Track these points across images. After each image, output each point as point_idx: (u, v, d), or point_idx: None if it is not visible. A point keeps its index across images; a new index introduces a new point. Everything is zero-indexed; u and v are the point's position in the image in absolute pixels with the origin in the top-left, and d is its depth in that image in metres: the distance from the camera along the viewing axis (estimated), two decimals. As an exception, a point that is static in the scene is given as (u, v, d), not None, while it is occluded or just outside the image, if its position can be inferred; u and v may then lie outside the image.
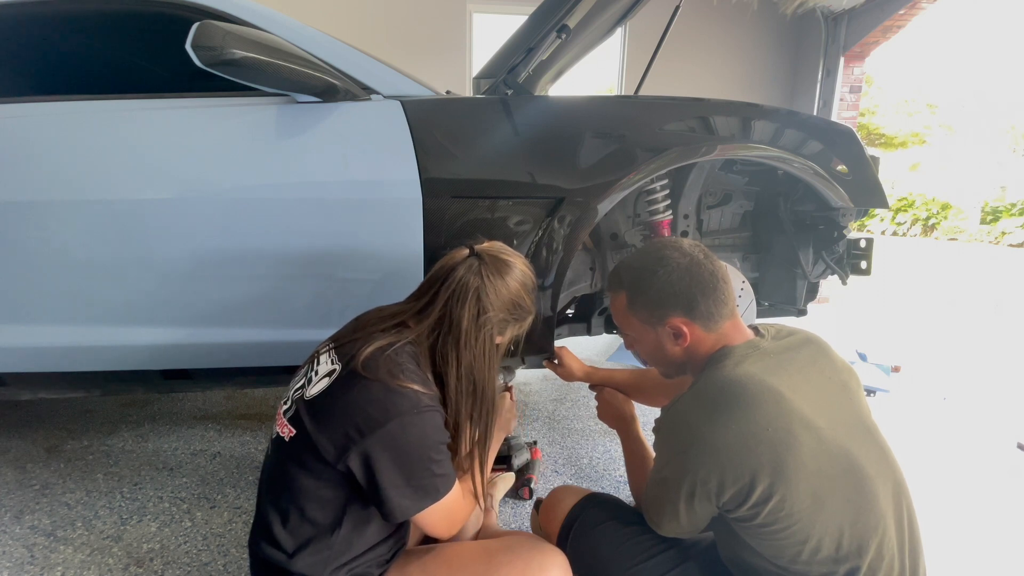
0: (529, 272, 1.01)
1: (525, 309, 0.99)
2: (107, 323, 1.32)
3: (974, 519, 1.56)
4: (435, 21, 3.84)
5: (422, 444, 0.83)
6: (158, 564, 1.33)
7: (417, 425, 0.83)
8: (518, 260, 1.00)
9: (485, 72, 1.95)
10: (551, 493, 1.17)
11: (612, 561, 0.99)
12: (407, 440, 0.82)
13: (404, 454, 0.82)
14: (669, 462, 0.89)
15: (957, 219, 10.90)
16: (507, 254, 0.99)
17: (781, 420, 0.80)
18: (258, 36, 1.12)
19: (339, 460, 0.81)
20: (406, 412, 0.82)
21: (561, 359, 1.43)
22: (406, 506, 0.83)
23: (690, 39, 4.05)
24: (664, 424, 0.92)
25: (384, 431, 0.80)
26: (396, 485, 0.81)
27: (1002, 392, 2.55)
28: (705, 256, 0.95)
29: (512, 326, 1.00)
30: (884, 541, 0.82)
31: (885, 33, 3.88)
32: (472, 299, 0.91)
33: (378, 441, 0.80)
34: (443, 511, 0.88)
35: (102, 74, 1.92)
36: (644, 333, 0.99)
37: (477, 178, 1.28)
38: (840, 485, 0.81)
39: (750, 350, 0.90)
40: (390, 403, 0.82)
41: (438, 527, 0.90)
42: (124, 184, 1.24)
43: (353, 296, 1.32)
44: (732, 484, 0.81)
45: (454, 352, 0.91)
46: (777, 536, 0.82)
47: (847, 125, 1.56)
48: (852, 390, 0.93)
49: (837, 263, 1.68)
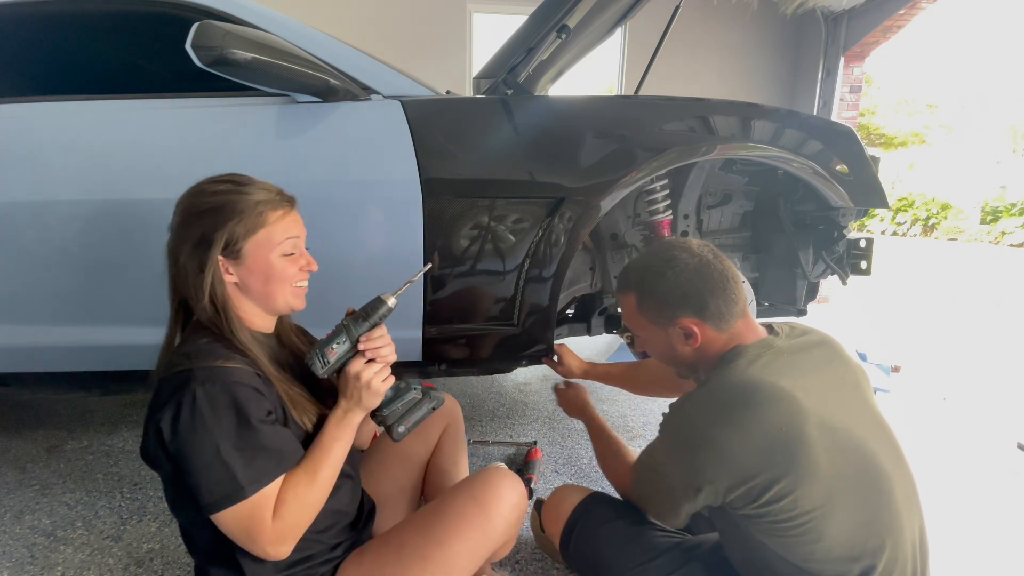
0: (196, 186, 0.89)
1: (201, 209, 0.84)
2: (107, 323, 1.32)
3: (974, 519, 1.56)
4: (435, 21, 3.84)
5: (202, 428, 0.76)
6: (158, 564, 1.33)
7: (191, 405, 0.76)
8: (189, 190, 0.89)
9: (485, 72, 1.95)
10: (553, 493, 1.17)
11: (616, 561, 0.99)
12: (181, 427, 0.76)
13: (185, 442, 0.76)
14: (674, 459, 0.89)
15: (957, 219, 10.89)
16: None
17: (793, 422, 0.80)
18: (258, 36, 1.12)
19: (164, 468, 0.81)
20: (173, 394, 0.77)
21: (560, 356, 1.45)
22: (204, 501, 0.76)
23: (690, 39, 4.05)
24: (672, 420, 0.92)
25: (164, 420, 0.76)
26: (192, 478, 0.76)
27: (1002, 392, 2.55)
28: (715, 256, 0.94)
29: (210, 231, 0.83)
30: (900, 540, 0.82)
31: (885, 33, 3.88)
32: (169, 259, 0.86)
33: (168, 434, 0.77)
34: (245, 517, 0.77)
35: (102, 74, 1.92)
36: (654, 334, 0.99)
37: (477, 178, 1.28)
38: (856, 485, 0.81)
39: (763, 349, 0.90)
40: (163, 394, 0.79)
41: (239, 537, 0.78)
42: (124, 184, 1.24)
43: (353, 296, 1.31)
44: (741, 485, 0.81)
45: (206, 310, 0.84)
46: (790, 534, 0.82)
47: (847, 125, 1.56)
48: (864, 390, 0.93)
49: (837, 263, 1.68)
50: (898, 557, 0.82)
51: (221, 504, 0.75)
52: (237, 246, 0.85)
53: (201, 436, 0.75)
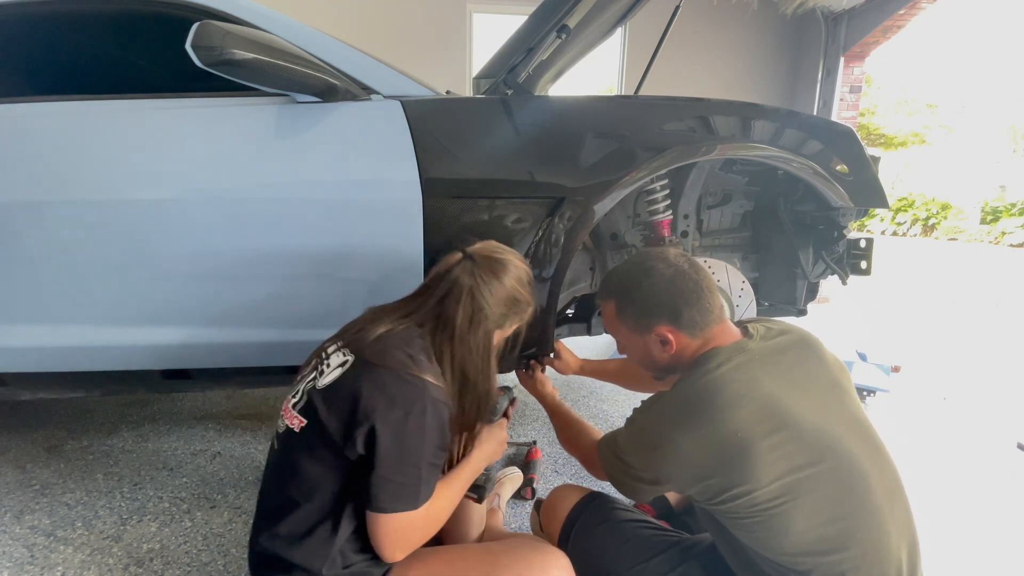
0: (524, 266, 1.04)
1: (523, 302, 1.03)
2: (107, 323, 1.32)
3: (974, 519, 1.56)
4: (435, 21, 3.84)
5: (420, 438, 0.85)
6: (158, 564, 1.33)
7: (420, 419, 0.85)
8: (511, 256, 1.02)
9: (485, 72, 1.95)
10: (552, 493, 1.17)
11: (614, 560, 0.99)
12: (407, 431, 0.83)
13: (402, 443, 0.83)
14: (635, 453, 0.93)
15: (957, 219, 10.89)
16: (500, 252, 1.02)
17: (753, 423, 0.82)
18: (258, 36, 1.12)
19: (345, 443, 0.83)
20: (413, 401, 0.85)
21: (558, 353, 1.49)
22: (379, 498, 0.83)
23: (690, 39, 4.05)
24: (639, 417, 0.96)
25: (391, 416, 0.82)
26: (381, 474, 0.82)
27: (1002, 392, 2.55)
28: (690, 266, 0.97)
29: (512, 319, 1.03)
30: (880, 536, 0.83)
31: (885, 33, 3.88)
32: (466, 298, 0.94)
33: (381, 425, 0.82)
34: (403, 525, 0.86)
35: (102, 74, 1.92)
36: (632, 340, 1.02)
37: (477, 178, 1.28)
38: (824, 482, 0.82)
39: (735, 352, 0.91)
40: (399, 391, 0.84)
41: (387, 540, 0.85)
42: (124, 184, 1.24)
43: (353, 296, 1.32)
44: (698, 482, 0.85)
45: (448, 348, 0.94)
46: (755, 528, 0.85)
47: (847, 125, 1.56)
48: (844, 387, 0.94)
49: (837, 263, 1.68)
50: (879, 553, 0.82)
51: (398, 508, 0.83)
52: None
53: (416, 446, 0.84)
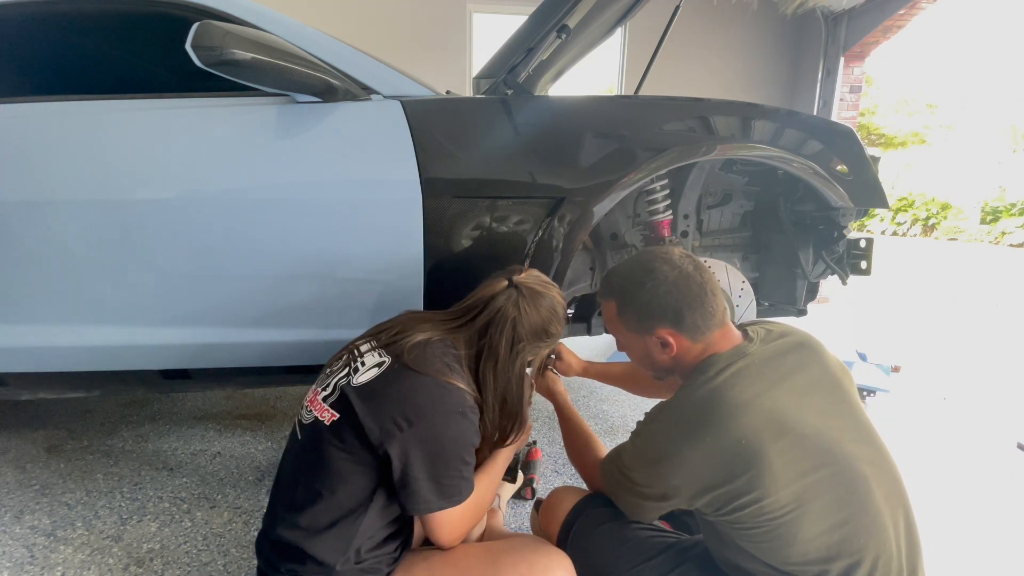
0: (561, 300, 1.07)
1: (554, 335, 1.06)
2: (107, 323, 1.32)
3: (974, 519, 1.56)
4: (435, 21, 3.84)
5: (458, 442, 0.89)
6: (158, 564, 1.33)
7: (459, 422, 0.89)
8: (552, 290, 1.06)
9: (485, 72, 1.95)
10: (551, 494, 1.17)
11: (612, 562, 0.99)
12: (447, 435, 0.87)
13: (441, 448, 0.87)
14: (641, 468, 0.92)
15: (957, 219, 10.90)
16: (543, 285, 1.05)
17: (754, 434, 0.81)
18: (258, 36, 1.12)
19: (381, 444, 0.85)
20: (452, 409, 0.89)
21: (560, 354, 1.47)
22: (430, 500, 0.87)
23: (690, 39, 4.05)
24: (644, 431, 0.95)
25: (430, 422, 0.86)
26: (427, 477, 0.86)
27: (1002, 392, 2.55)
28: (695, 268, 0.95)
29: (542, 349, 1.06)
30: (882, 540, 0.82)
31: (885, 33, 3.88)
32: (509, 328, 0.98)
33: (422, 430, 0.85)
34: (455, 518, 0.91)
35: (102, 74, 1.92)
36: (633, 340, 1.02)
37: (477, 178, 1.28)
38: (829, 488, 0.81)
39: (735, 358, 0.91)
40: (438, 397, 0.88)
41: (444, 532, 0.92)
42: (124, 184, 1.24)
43: (353, 296, 1.32)
44: (705, 494, 0.84)
45: (491, 375, 0.98)
46: (762, 538, 0.83)
47: (847, 125, 1.56)
48: (846, 390, 0.93)
49: (837, 263, 1.68)
50: (881, 556, 0.82)
51: (445, 506, 0.88)
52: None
53: (455, 448, 0.88)
